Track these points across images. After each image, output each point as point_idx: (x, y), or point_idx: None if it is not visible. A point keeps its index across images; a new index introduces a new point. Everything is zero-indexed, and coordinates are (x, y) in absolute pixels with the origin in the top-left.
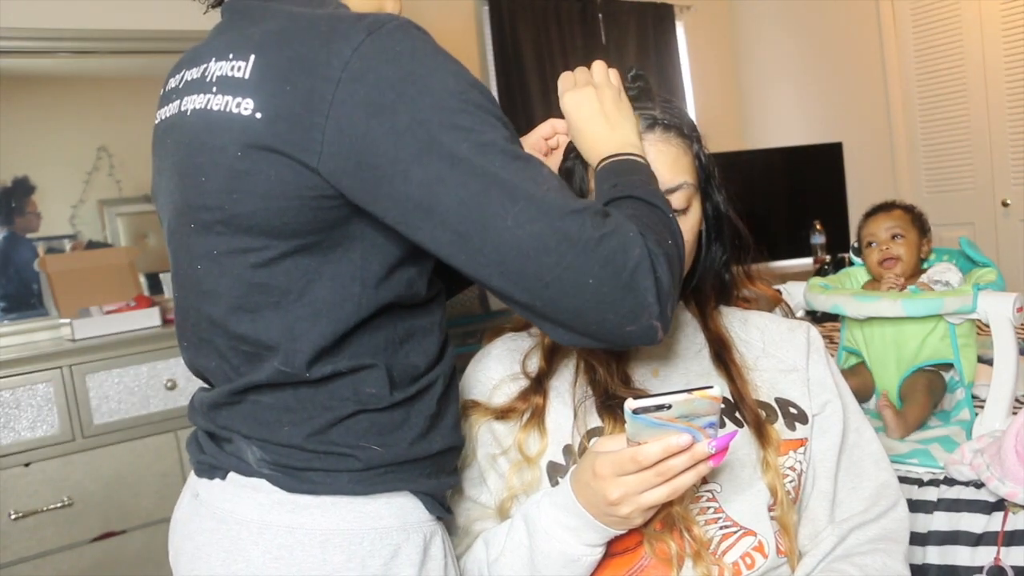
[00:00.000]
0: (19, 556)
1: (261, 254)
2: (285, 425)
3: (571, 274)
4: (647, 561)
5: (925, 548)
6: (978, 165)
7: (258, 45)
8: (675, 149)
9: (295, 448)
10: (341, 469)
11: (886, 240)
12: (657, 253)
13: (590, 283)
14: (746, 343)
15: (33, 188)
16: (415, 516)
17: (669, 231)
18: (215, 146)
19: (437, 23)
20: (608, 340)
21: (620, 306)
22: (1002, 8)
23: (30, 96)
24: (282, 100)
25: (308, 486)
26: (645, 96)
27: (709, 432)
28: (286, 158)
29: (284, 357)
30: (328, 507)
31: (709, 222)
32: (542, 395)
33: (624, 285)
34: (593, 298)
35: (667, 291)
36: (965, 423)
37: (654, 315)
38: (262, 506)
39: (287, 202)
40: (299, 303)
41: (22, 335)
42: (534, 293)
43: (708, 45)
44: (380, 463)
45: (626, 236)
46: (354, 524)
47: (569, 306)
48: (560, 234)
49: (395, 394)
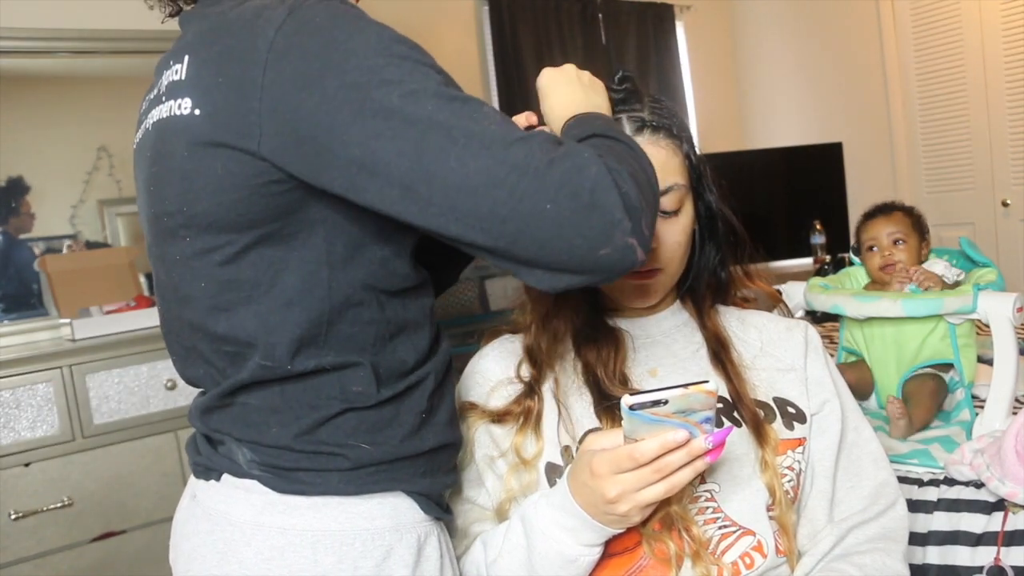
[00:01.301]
0: (19, 556)
1: (225, 251)
2: (273, 426)
3: (527, 203)
4: (646, 561)
5: (925, 548)
6: (978, 165)
7: (190, 45)
8: (664, 151)
9: (284, 449)
10: (331, 468)
11: (888, 246)
12: (618, 170)
13: (548, 208)
14: (744, 342)
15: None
16: (409, 517)
17: (635, 158)
18: (167, 152)
19: (437, 23)
20: (585, 270)
21: (586, 228)
22: (1002, 8)
23: (30, 96)
24: (217, 93)
25: (298, 487)
26: (633, 98)
27: (706, 428)
28: (229, 149)
29: (264, 351)
30: (320, 508)
31: (702, 222)
32: (537, 399)
33: (586, 205)
34: (555, 225)
35: (636, 204)
36: (965, 423)
37: (626, 231)
38: (254, 507)
39: (239, 193)
40: (270, 295)
41: (22, 335)
42: (494, 233)
43: (708, 45)
44: (370, 461)
45: (580, 157)
46: (346, 525)
47: (533, 239)
48: (508, 164)
49: (383, 391)
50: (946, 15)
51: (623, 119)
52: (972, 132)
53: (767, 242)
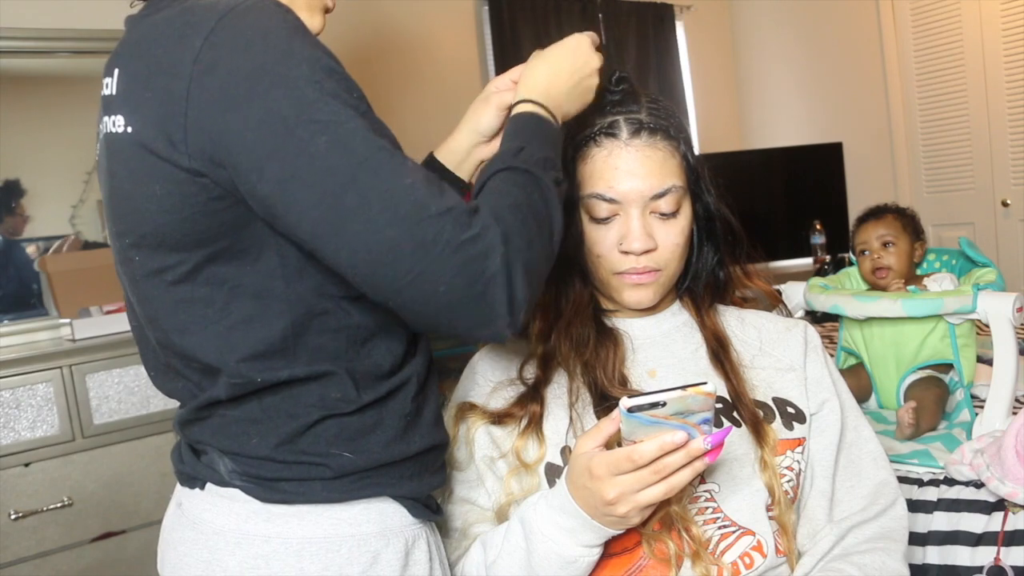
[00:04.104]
0: (19, 556)
1: (176, 270)
2: (253, 436)
3: (423, 282)
4: (645, 561)
5: (925, 548)
6: (978, 165)
7: (120, 56)
8: (662, 153)
9: (264, 459)
10: (313, 478)
11: (878, 249)
12: (516, 264)
13: (442, 291)
14: (743, 342)
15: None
16: (396, 521)
17: (546, 219)
18: (113, 171)
19: (437, 23)
20: (457, 337)
21: (471, 314)
22: (1002, 8)
23: (30, 96)
24: (146, 109)
25: (280, 495)
26: (630, 99)
27: (704, 428)
28: (164, 167)
29: (229, 370)
30: (304, 515)
31: (700, 223)
32: (539, 403)
33: (476, 295)
34: (445, 305)
35: (521, 302)
36: (965, 424)
37: (504, 324)
38: (238, 516)
39: (183, 213)
40: (227, 313)
41: (22, 335)
42: (387, 296)
43: (708, 45)
44: (353, 470)
45: (487, 244)
46: (331, 531)
47: (421, 310)
48: (415, 241)
49: (363, 396)
50: (946, 15)
51: (620, 121)
52: (972, 132)
53: (767, 242)
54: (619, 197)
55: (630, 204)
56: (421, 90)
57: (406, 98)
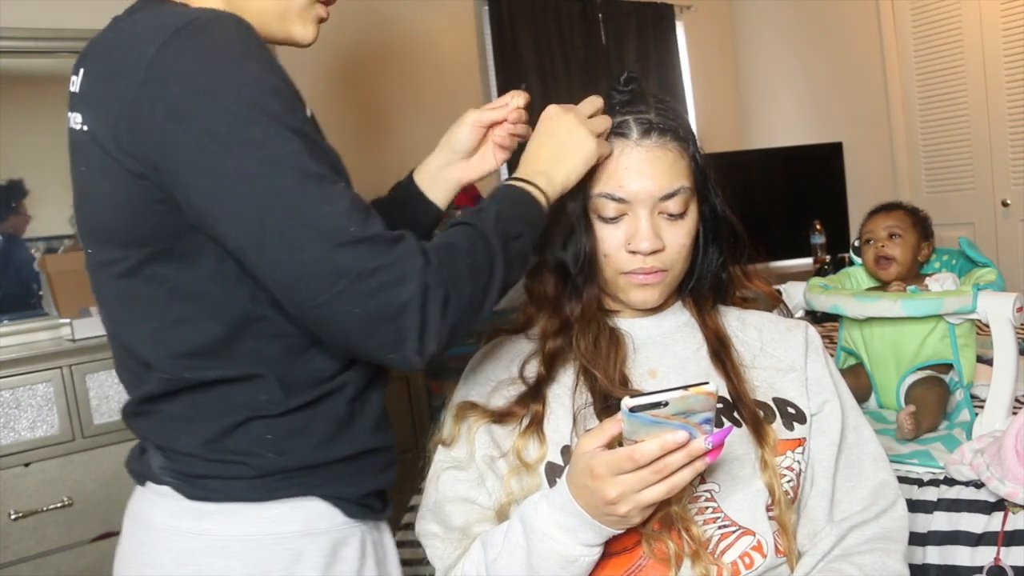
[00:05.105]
0: (19, 556)
1: (121, 264)
2: (183, 434)
3: (338, 302)
4: (645, 561)
5: (925, 548)
6: (978, 165)
7: (86, 56)
8: (671, 154)
9: (192, 456)
10: (235, 476)
11: (883, 239)
12: (436, 292)
13: (356, 312)
14: (744, 342)
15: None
16: (324, 521)
17: (482, 270)
18: (74, 166)
19: (437, 23)
20: (369, 359)
21: (381, 338)
22: (1002, 8)
23: (30, 96)
24: (100, 108)
25: (204, 492)
26: (639, 99)
27: (705, 428)
28: (113, 164)
29: (159, 365)
30: (231, 513)
31: (706, 224)
32: (541, 402)
33: (389, 318)
34: (358, 327)
35: (434, 331)
36: (965, 424)
37: (414, 351)
38: (171, 512)
39: (128, 211)
40: (164, 311)
41: (22, 335)
42: (303, 313)
43: (708, 45)
44: (276, 470)
45: (404, 271)
46: (255, 530)
47: (334, 330)
48: (332, 264)
49: (290, 400)
50: (946, 15)
51: (630, 121)
52: (972, 132)
53: (767, 242)
54: (628, 197)
55: (639, 204)
56: (421, 90)
57: (406, 98)
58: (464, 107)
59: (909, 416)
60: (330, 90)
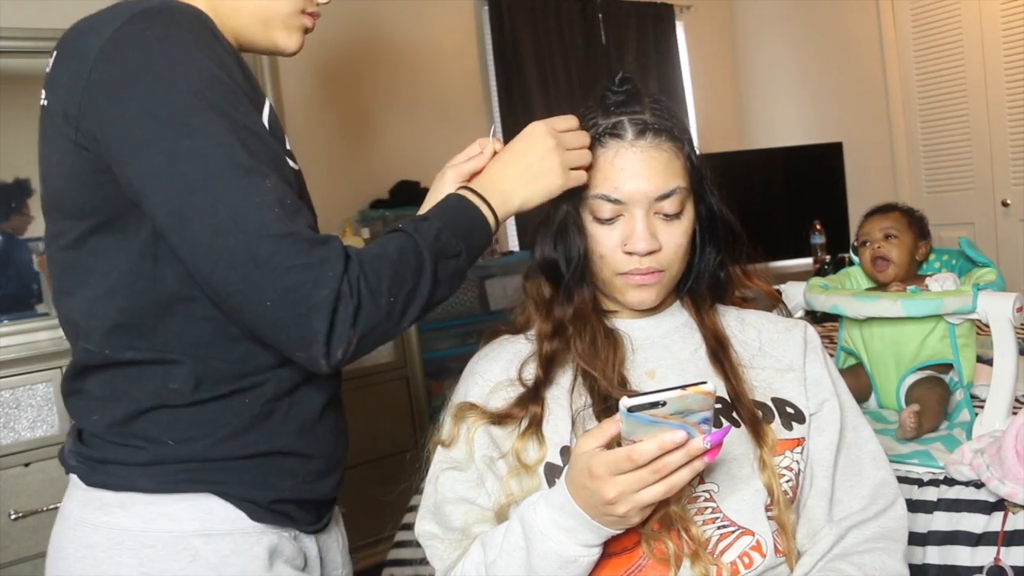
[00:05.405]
0: (19, 556)
1: (67, 236)
2: (96, 414)
3: (252, 292)
4: (645, 561)
5: (925, 548)
6: (978, 165)
7: (60, 41)
8: (666, 154)
9: (97, 437)
10: (133, 463)
11: (879, 240)
12: (348, 301)
13: (268, 305)
14: (743, 342)
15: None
16: (226, 524)
17: (408, 289)
18: (39, 141)
19: (437, 23)
20: (281, 351)
21: (290, 335)
22: (1002, 8)
23: (30, 96)
24: (58, 86)
25: (103, 478)
26: (634, 99)
27: (704, 428)
28: (63, 138)
29: (85, 334)
30: (128, 506)
31: (703, 224)
32: (539, 404)
33: (298, 317)
34: (268, 319)
35: (342, 338)
36: (965, 424)
37: (320, 353)
38: (79, 503)
39: (76, 181)
40: (99, 281)
41: (22, 335)
42: (220, 297)
43: (708, 45)
44: (172, 459)
45: (323, 273)
46: (150, 526)
47: (247, 319)
48: (249, 254)
49: (199, 392)
50: (946, 16)
51: (624, 122)
52: (972, 132)
53: (767, 242)
54: (624, 198)
55: (634, 205)
56: (421, 91)
57: (406, 99)
58: (464, 108)
59: (913, 415)
60: (330, 90)
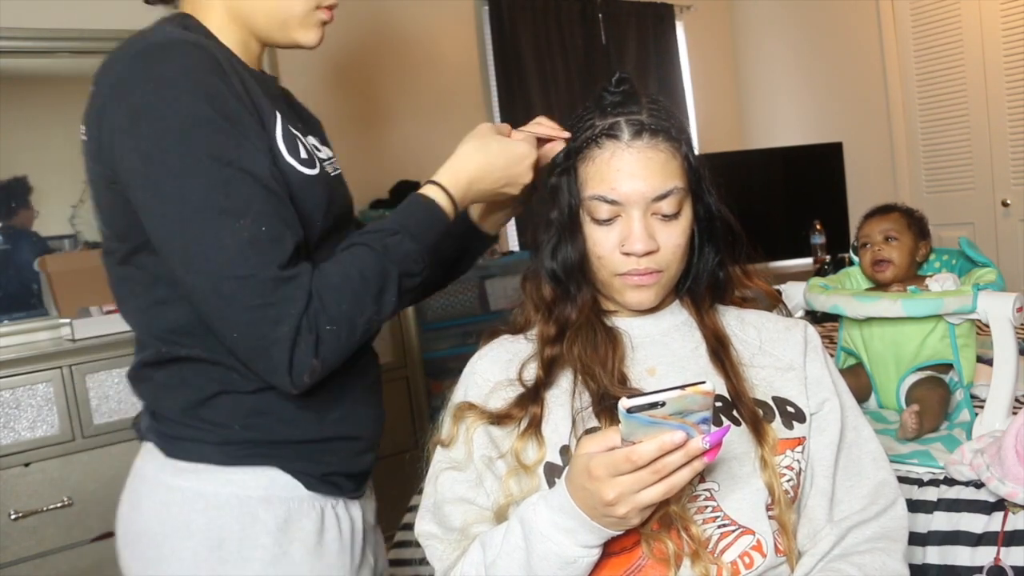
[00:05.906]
0: (19, 556)
1: (117, 254)
2: (165, 399)
3: (221, 326)
4: (645, 561)
5: (925, 548)
6: (978, 165)
7: (95, 73)
8: (663, 154)
9: (171, 420)
10: (204, 441)
11: (879, 242)
12: (307, 336)
13: (235, 337)
14: (743, 341)
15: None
16: (286, 491)
17: (371, 311)
18: None
19: (437, 23)
20: None
21: (257, 364)
22: (1002, 8)
23: (30, 96)
24: (89, 122)
25: (179, 452)
26: (631, 100)
27: (703, 428)
28: (99, 174)
29: (144, 340)
30: (200, 472)
31: (701, 224)
32: (539, 405)
33: (261, 351)
34: (238, 349)
35: (304, 368)
36: (965, 424)
37: (286, 382)
38: (156, 465)
39: (114, 210)
40: (149, 293)
41: (22, 335)
42: (206, 322)
43: (708, 45)
44: (239, 440)
45: (281, 313)
46: (219, 490)
47: (226, 344)
48: (216, 292)
49: (256, 382)
50: (946, 15)
51: (621, 122)
52: (972, 132)
53: (767, 242)
54: (621, 199)
55: (632, 206)
56: (421, 90)
57: (406, 98)
58: (464, 107)
59: (914, 415)
60: (330, 90)
